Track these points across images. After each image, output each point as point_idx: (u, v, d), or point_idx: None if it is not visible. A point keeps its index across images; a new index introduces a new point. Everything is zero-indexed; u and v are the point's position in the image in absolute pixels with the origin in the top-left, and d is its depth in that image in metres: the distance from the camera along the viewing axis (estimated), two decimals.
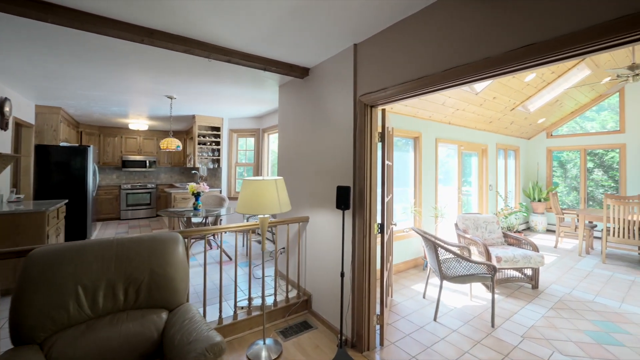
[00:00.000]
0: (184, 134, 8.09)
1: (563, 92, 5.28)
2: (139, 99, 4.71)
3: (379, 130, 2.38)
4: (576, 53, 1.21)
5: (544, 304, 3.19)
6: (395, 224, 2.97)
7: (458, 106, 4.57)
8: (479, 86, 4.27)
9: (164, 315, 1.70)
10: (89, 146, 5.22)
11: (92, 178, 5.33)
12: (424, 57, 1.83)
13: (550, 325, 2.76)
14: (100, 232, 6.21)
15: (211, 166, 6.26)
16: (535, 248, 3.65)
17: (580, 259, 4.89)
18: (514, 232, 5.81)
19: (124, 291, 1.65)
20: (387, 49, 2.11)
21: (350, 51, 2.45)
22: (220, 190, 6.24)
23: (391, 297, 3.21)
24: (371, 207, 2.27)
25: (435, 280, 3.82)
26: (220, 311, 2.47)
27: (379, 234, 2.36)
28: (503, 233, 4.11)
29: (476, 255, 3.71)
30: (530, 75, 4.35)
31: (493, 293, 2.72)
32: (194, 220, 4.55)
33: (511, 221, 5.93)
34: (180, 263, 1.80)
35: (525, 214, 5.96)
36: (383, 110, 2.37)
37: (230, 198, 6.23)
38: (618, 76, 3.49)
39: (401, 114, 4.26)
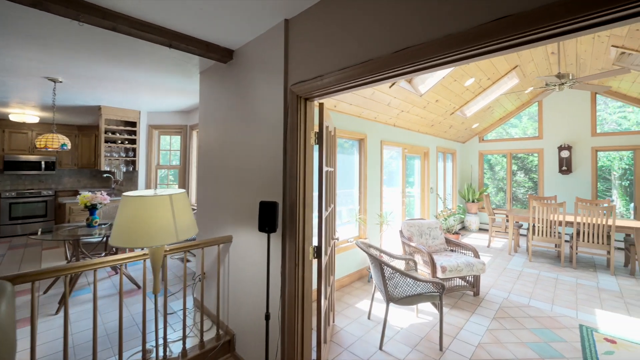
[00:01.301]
0: (95, 130, 6.71)
1: (494, 99, 5.54)
2: (12, 81, 3.55)
3: (316, 129, 1.92)
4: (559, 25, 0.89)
5: (486, 314, 3.11)
6: (337, 238, 2.55)
7: (403, 107, 4.40)
8: (424, 87, 4.14)
9: None
10: None
11: None
12: (372, 34, 1.41)
13: (495, 340, 2.62)
14: None
15: (124, 169, 5.18)
16: (476, 254, 3.61)
17: (511, 258, 5.14)
18: (453, 233, 5.96)
19: None
20: (326, 24, 1.66)
21: (281, 28, 1.95)
22: None
23: (333, 322, 2.79)
24: (305, 227, 1.80)
25: (381, 295, 3.53)
26: None
27: (316, 259, 1.90)
28: (445, 238, 4.04)
29: (422, 265, 3.52)
30: (469, 80, 4.37)
31: (441, 313, 2.48)
32: (87, 241, 3.57)
33: (450, 222, 6.07)
34: None
35: (462, 216, 6.16)
36: (321, 105, 1.91)
37: None
38: (547, 84, 3.61)
39: (346, 114, 3.90)
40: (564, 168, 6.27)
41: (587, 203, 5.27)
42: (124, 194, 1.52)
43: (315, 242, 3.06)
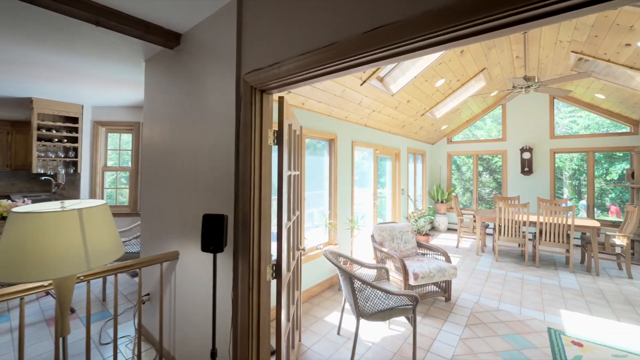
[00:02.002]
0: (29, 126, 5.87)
1: (462, 101, 5.59)
2: None
3: (276, 127, 1.65)
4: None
5: (459, 321, 3.01)
6: (303, 248, 2.29)
7: (374, 107, 4.25)
8: (395, 87, 4.01)
9: None
10: None
11: None
12: (338, 11, 1.17)
13: (468, 351, 2.51)
14: None
15: (63, 171, 4.53)
16: (448, 258, 3.53)
17: (479, 258, 5.20)
18: (423, 234, 5.95)
19: None
20: (286, 1, 1.39)
21: (233, 7, 1.65)
22: None
23: (299, 342, 2.53)
24: (261, 243, 1.51)
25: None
26: None
27: (275, 279, 1.62)
28: (417, 242, 3.94)
29: (394, 272, 3.37)
30: (440, 81, 4.32)
31: (415, 327, 2.31)
32: None
33: (421, 224, 6.06)
34: None
35: (432, 217, 6.18)
36: (281, 99, 1.64)
37: None
38: (514, 86, 3.62)
39: (315, 112, 3.65)
40: (526, 169, 6.52)
41: (548, 203, 5.48)
42: (13, 210, 1.14)
43: (275, 259, 2.78)
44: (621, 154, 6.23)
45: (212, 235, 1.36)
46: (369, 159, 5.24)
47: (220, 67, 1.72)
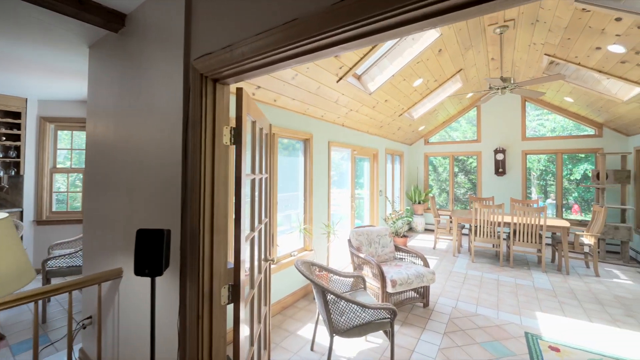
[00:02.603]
0: None
1: (439, 102, 5.57)
2: None
3: (233, 124, 1.41)
4: None
5: (437, 328, 2.90)
6: (273, 259, 2.06)
7: (352, 106, 4.09)
8: (373, 85, 3.87)
9: None
10: None
11: None
12: None
13: None
14: None
15: (1, 173, 3.98)
16: (426, 262, 3.43)
17: (455, 259, 5.19)
18: (401, 236, 5.88)
19: None
20: None
21: None
22: (22, 211, 4.04)
23: None
24: (214, 261, 1.27)
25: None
26: None
27: (232, 303, 1.38)
28: (395, 246, 3.82)
29: (371, 278, 3.22)
30: (418, 80, 4.23)
31: (392, 341, 2.15)
32: None
33: (398, 225, 5.99)
34: None
35: (410, 219, 6.13)
36: (239, 91, 1.40)
37: (39, 222, 4.10)
38: (491, 87, 3.59)
39: (289, 110, 3.43)
40: (500, 170, 6.64)
41: (521, 204, 5.58)
42: None
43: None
44: (584, 156, 6.56)
45: (149, 255, 1.11)
46: (346, 160, 5.08)
47: (167, 52, 1.46)
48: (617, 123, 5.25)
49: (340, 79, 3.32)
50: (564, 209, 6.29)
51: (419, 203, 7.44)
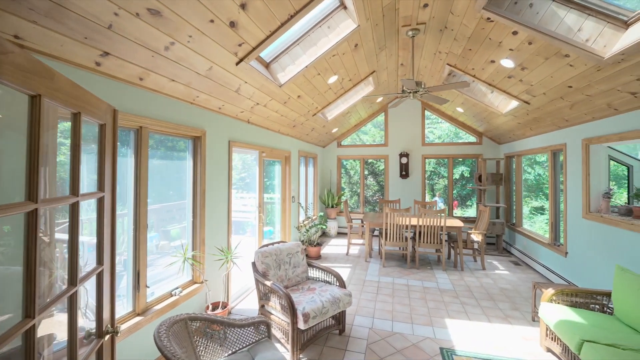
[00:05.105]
0: None
1: (352, 104, 5.40)
2: None
3: None
4: None
5: (355, 359, 2.52)
6: (115, 331, 1.22)
7: (259, 99, 3.39)
8: (283, 76, 3.26)
9: None
10: None
11: None
12: None
13: None
14: None
15: None
16: (342, 283, 3.04)
17: (368, 265, 5.10)
18: (314, 245, 5.49)
19: None
20: None
21: None
22: None
23: None
24: None
25: None
26: None
27: None
28: (307, 263, 3.32)
29: (279, 311, 2.61)
30: (333, 77, 3.84)
31: None
32: None
33: (312, 233, 5.59)
34: None
35: (324, 226, 5.81)
36: None
37: None
38: (404, 90, 3.45)
39: (165, 95, 2.50)
40: (404, 173, 7.00)
41: (425, 206, 5.91)
42: None
43: None
44: (461, 160, 7.67)
45: None
46: (254, 164, 4.35)
47: None
48: (493, 132, 6.07)
49: (241, 60, 2.59)
50: (445, 204, 7.04)
51: (332, 207, 7.27)
